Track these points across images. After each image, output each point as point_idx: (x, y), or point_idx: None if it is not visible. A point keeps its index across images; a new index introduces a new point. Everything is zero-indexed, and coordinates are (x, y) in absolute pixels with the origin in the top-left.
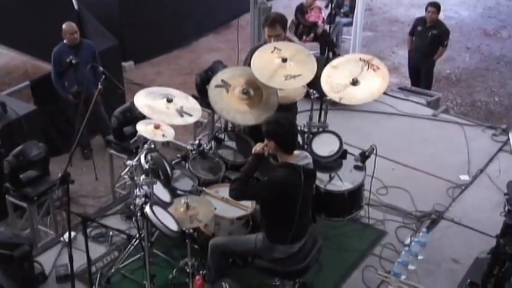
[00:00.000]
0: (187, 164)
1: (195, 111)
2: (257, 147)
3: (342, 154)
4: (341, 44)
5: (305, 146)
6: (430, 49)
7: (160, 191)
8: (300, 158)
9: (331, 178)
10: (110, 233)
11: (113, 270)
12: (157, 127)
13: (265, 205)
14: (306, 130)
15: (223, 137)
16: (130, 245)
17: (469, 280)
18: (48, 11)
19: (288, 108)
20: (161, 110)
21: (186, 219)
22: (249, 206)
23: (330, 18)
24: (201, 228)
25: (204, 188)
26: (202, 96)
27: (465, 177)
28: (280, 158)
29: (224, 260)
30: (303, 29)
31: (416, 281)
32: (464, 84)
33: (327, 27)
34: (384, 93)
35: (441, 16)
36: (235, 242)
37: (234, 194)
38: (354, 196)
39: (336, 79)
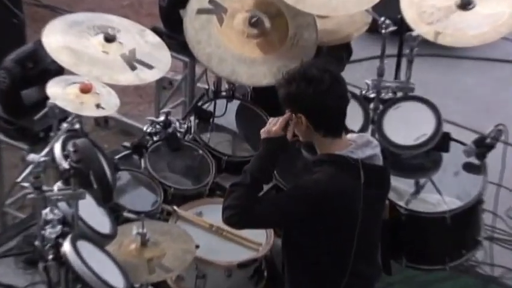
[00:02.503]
0: (143, 160)
1: (157, 59)
2: (272, 126)
3: (441, 142)
4: None
5: (369, 127)
6: None
7: (92, 213)
8: (357, 145)
9: (419, 188)
10: None
11: None
12: (85, 90)
13: (293, 238)
14: (372, 96)
15: (212, 108)
16: None
17: None
18: None
19: (336, 54)
20: (94, 57)
21: (142, 265)
22: (261, 241)
23: None
24: (169, 283)
25: (175, 208)
26: (171, 31)
27: None
28: (318, 147)
29: None
30: None
31: None
32: None
33: None
34: None
35: None
36: None
37: (232, 217)
38: (464, 223)
39: None
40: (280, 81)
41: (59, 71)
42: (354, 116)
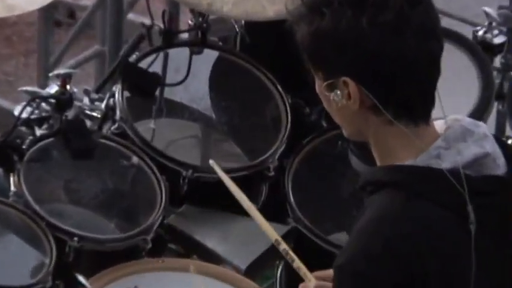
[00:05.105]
0: (12, 177)
1: None
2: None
3: None
4: None
5: (493, 105)
6: None
7: None
8: (446, 140)
9: None
10: None
11: None
12: None
13: None
14: (497, 41)
15: (160, 69)
16: None
17: None
18: None
19: None
20: None
21: None
22: None
23: None
24: None
25: (83, 279)
26: None
27: None
28: (379, 150)
29: None
30: None
31: None
32: None
33: None
34: None
35: None
36: None
37: None
38: None
39: None
40: (299, 9)
41: None
42: (458, 83)
